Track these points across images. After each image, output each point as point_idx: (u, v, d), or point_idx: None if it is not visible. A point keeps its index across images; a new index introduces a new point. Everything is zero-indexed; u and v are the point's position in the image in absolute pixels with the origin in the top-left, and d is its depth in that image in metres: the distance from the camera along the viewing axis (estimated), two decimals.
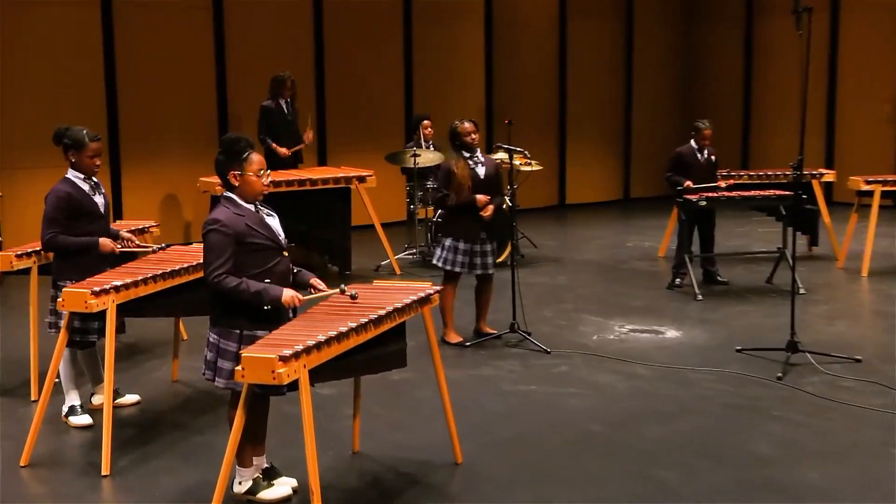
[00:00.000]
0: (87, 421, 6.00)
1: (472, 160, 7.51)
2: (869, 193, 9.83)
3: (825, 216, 10.55)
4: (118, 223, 8.12)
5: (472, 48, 14.02)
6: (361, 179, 9.95)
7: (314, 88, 12.62)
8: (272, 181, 6.06)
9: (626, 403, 6.32)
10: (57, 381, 5.86)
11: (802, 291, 8.92)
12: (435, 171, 10.72)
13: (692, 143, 9.45)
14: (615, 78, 15.30)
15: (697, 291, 8.97)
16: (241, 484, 4.91)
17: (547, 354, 7.33)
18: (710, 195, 9.10)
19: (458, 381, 6.65)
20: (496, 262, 7.78)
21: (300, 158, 11.00)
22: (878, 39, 13.84)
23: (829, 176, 10.90)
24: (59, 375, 5.99)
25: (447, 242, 7.54)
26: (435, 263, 7.67)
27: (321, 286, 4.91)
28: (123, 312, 5.64)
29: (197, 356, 6.35)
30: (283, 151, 10.52)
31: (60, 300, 5.40)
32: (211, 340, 4.78)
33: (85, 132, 5.87)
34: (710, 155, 9.44)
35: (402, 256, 10.71)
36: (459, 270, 7.51)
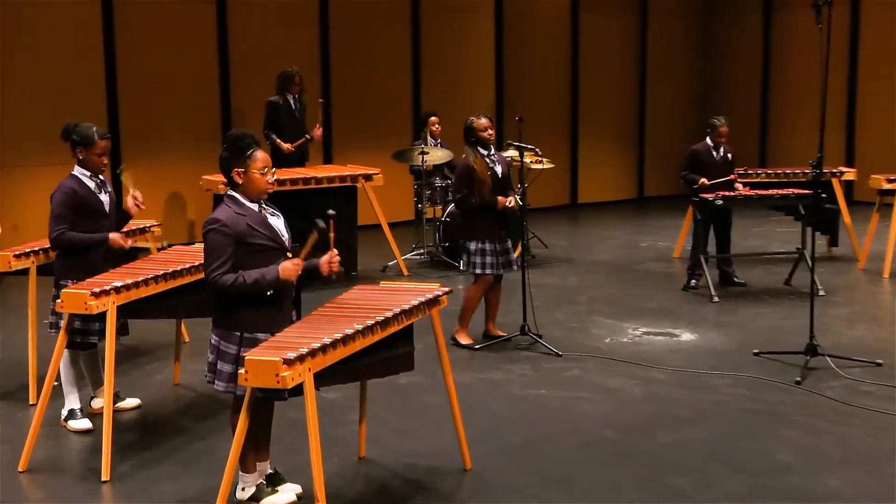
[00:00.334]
0: (86, 425, 6.01)
1: (488, 158, 7.51)
2: (891, 192, 9.81)
3: (845, 216, 10.53)
4: None
5: (482, 42, 14.02)
6: (368, 178, 9.96)
7: (319, 84, 12.62)
8: (276, 179, 6.07)
9: (639, 408, 6.31)
10: (56, 384, 5.87)
11: (822, 293, 8.91)
12: (443, 168, 10.78)
13: (708, 140, 9.44)
14: (629, 73, 15.29)
15: (713, 293, 8.96)
16: (244, 490, 4.91)
17: (558, 358, 7.33)
18: (726, 194, 9.09)
19: (467, 384, 6.65)
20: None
21: (306, 156, 11.00)
22: None
23: (849, 174, 10.88)
24: (58, 378, 6.01)
25: (472, 246, 7.50)
26: (469, 271, 7.60)
27: (334, 258, 4.88)
28: (124, 314, 5.66)
29: (199, 359, 6.37)
30: (286, 147, 10.53)
31: (59, 301, 5.41)
32: (212, 342, 4.79)
33: (94, 129, 5.90)
34: (726, 153, 9.43)
35: (409, 257, 10.71)
36: (490, 272, 7.51)
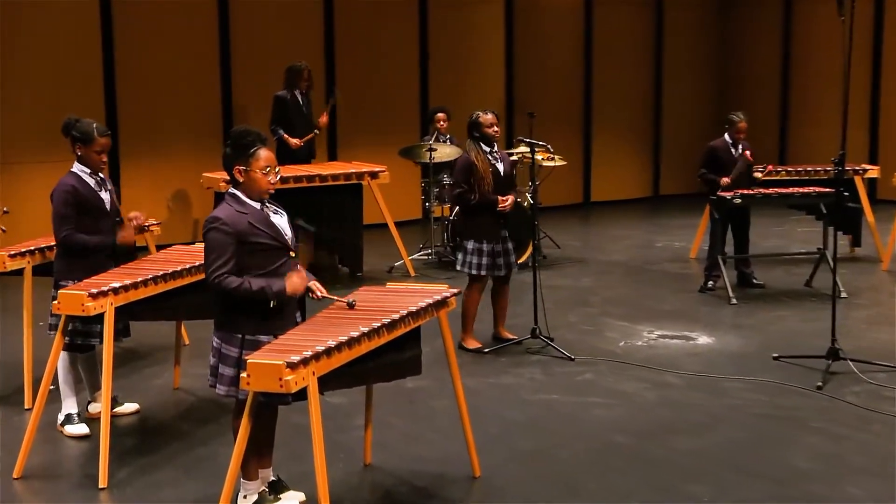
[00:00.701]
0: (83, 430, 6.03)
1: (491, 155, 7.52)
2: None
3: (868, 215, 10.50)
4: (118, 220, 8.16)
5: (491, 35, 14.02)
6: (374, 175, 9.96)
7: (324, 79, 12.63)
8: (280, 177, 6.06)
9: (654, 414, 6.31)
10: (52, 388, 5.89)
11: (844, 295, 8.89)
12: (451, 165, 10.78)
13: (726, 137, 9.42)
14: (644, 67, 15.27)
15: (731, 295, 8.95)
16: (245, 498, 4.92)
17: (570, 361, 7.33)
18: (745, 192, 9.08)
19: (476, 389, 6.66)
20: (517, 261, 7.80)
21: (313, 153, 11.03)
22: None
23: (872, 172, 10.85)
24: (55, 382, 6.02)
25: (469, 245, 7.52)
26: (460, 270, 7.66)
27: (321, 291, 4.91)
28: (123, 315, 5.67)
29: (199, 362, 6.39)
30: (294, 142, 10.57)
31: (56, 303, 5.43)
32: (214, 345, 4.80)
33: (94, 126, 5.93)
34: (745, 150, 9.41)
35: (416, 257, 10.72)
36: (486, 273, 7.52)
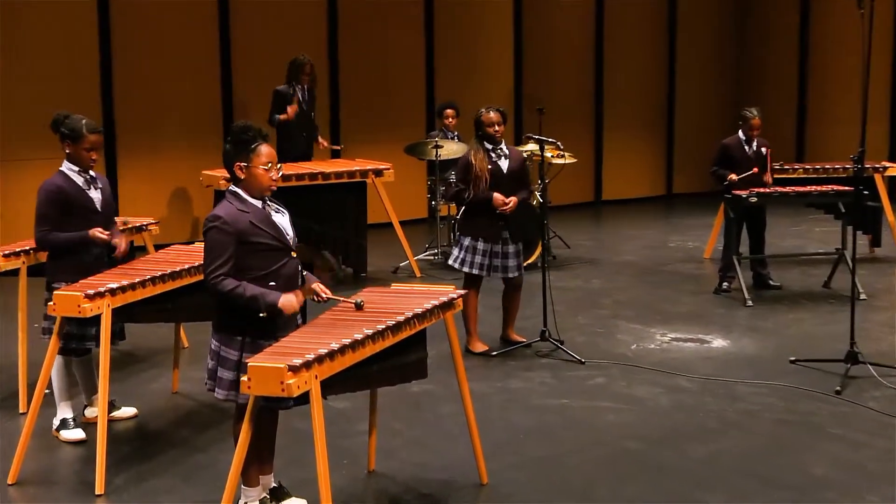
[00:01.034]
0: (79, 435, 6.04)
1: (494, 153, 7.52)
2: None
3: (889, 214, 10.49)
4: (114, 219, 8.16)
5: (499, 28, 14.01)
6: (378, 173, 9.97)
7: (327, 73, 12.64)
8: (282, 175, 6.06)
9: (667, 419, 6.31)
10: (48, 391, 5.90)
11: (863, 297, 8.88)
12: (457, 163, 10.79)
13: (740, 133, 9.41)
14: (657, 61, 15.26)
15: (747, 297, 8.94)
16: None
17: (581, 365, 7.33)
18: (760, 190, 9.07)
19: (483, 394, 6.66)
20: (523, 264, 7.78)
21: (311, 151, 10.98)
22: None
23: (893, 169, 10.83)
24: (50, 385, 6.03)
25: (466, 242, 7.54)
26: (451, 264, 7.68)
27: (326, 293, 4.92)
28: (120, 317, 5.68)
29: (199, 366, 6.39)
30: (290, 111, 10.54)
31: (52, 304, 5.43)
32: (212, 348, 4.81)
33: (84, 122, 5.91)
34: (759, 147, 9.40)
35: (422, 257, 10.72)
36: (478, 272, 7.52)
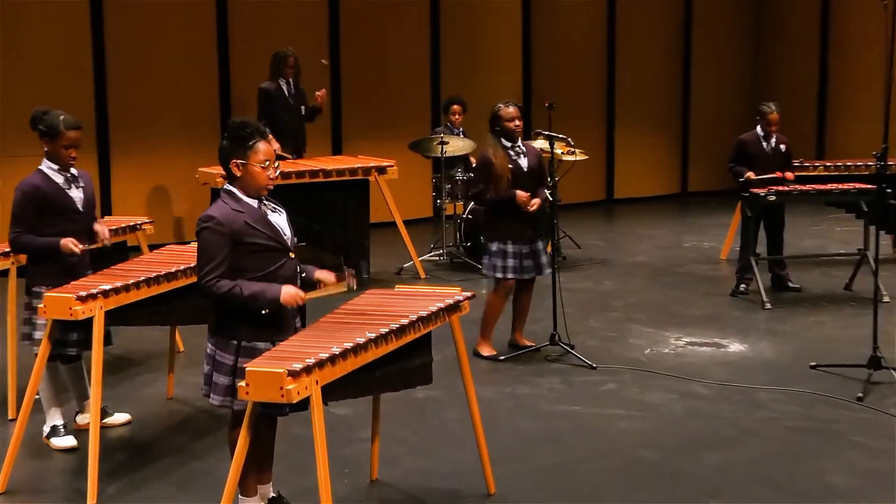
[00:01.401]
0: (71, 443, 6.04)
1: (513, 150, 7.51)
2: None
3: None
4: (105, 220, 8.17)
5: (507, 21, 14.01)
6: (381, 170, 9.97)
7: (329, 69, 12.63)
8: (280, 172, 6.05)
9: (682, 427, 6.31)
10: (38, 397, 5.91)
11: (886, 300, 8.86)
12: (464, 160, 10.78)
13: (758, 129, 9.41)
14: (672, 54, 15.25)
15: (765, 299, 8.94)
16: None
17: (592, 370, 7.33)
18: (779, 188, 9.06)
19: (490, 399, 6.66)
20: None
21: (302, 145, 10.85)
22: None
23: None
24: (40, 391, 6.04)
25: (493, 247, 7.51)
26: (486, 274, 7.64)
27: (329, 279, 4.92)
28: (112, 320, 5.68)
29: (195, 370, 6.39)
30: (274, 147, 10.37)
31: (41, 306, 5.44)
32: (208, 351, 4.81)
33: (62, 118, 5.85)
34: (778, 143, 9.39)
35: (427, 258, 10.72)
36: (512, 276, 7.51)
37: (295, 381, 4.18)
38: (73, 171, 5.95)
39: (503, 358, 7.59)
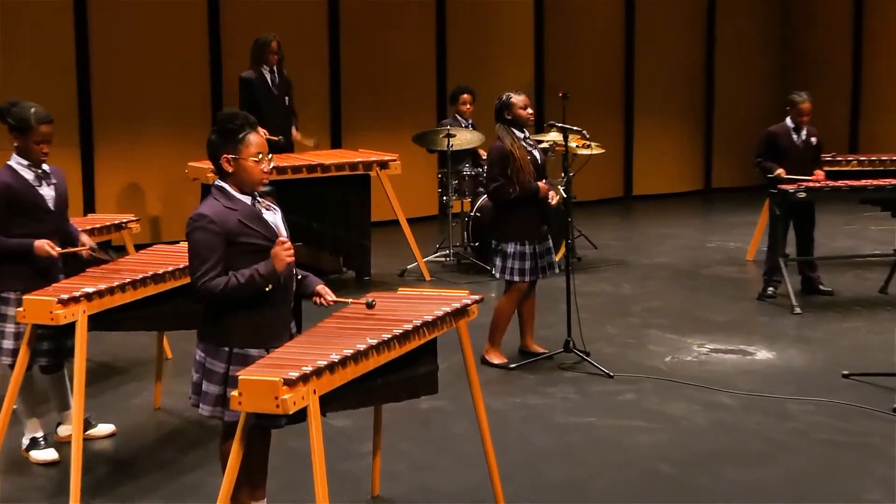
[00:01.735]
0: (52, 456, 6.05)
1: (525, 142, 7.50)
2: None
3: None
4: (89, 217, 8.18)
5: (519, 4, 14.01)
6: (383, 165, 9.97)
7: (327, 54, 12.65)
8: (275, 167, 6.08)
9: (705, 440, 6.31)
10: (17, 406, 5.92)
11: None
12: (473, 154, 10.78)
13: (787, 120, 9.40)
14: (695, 41, 15.22)
15: (794, 303, 8.93)
16: None
17: (609, 379, 7.33)
18: (810, 184, 9.05)
19: (500, 411, 6.66)
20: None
21: (288, 135, 10.83)
22: None
23: None
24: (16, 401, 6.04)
25: (510, 249, 7.47)
26: (504, 278, 7.58)
27: (329, 295, 4.93)
28: (96, 325, 5.67)
29: (184, 379, 6.39)
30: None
31: (20, 310, 5.43)
32: (197, 359, 4.82)
33: (33, 111, 5.80)
34: (809, 136, 9.38)
35: (432, 259, 10.73)
36: (529, 279, 7.51)
37: (291, 390, 4.18)
38: (44, 167, 5.92)
39: (514, 366, 7.59)
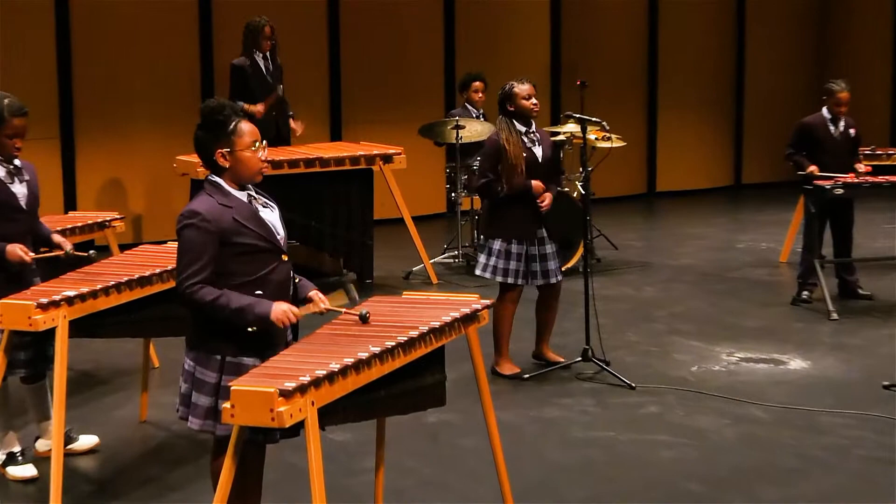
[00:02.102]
0: (30, 472, 6.05)
1: (527, 136, 7.47)
2: None
3: None
4: (70, 215, 8.20)
5: None
6: (387, 159, 9.97)
7: (327, 41, 12.66)
8: (272, 161, 6.06)
9: (735, 456, 6.30)
10: None
11: None
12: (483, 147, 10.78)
13: (824, 111, 9.38)
14: (723, 26, 15.21)
15: (831, 308, 8.92)
16: None
17: (631, 390, 7.32)
18: (846, 180, 9.03)
19: (513, 424, 6.66)
20: (562, 268, 7.77)
21: (285, 131, 10.84)
22: None
23: None
24: None
25: (495, 245, 7.51)
26: (480, 275, 7.63)
27: (323, 302, 4.90)
28: (78, 331, 5.68)
29: (172, 389, 6.40)
30: (256, 109, 10.35)
31: None
32: (186, 368, 4.81)
33: (6, 103, 5.80)
34: (847, 127, 9.37)
35: (439, 260, 10.73)
36: (513, 281, 7.50)
37: (287, 402, 4.18)
38: (16, 162, 5.92)
39: (528, 376, 7.59)
